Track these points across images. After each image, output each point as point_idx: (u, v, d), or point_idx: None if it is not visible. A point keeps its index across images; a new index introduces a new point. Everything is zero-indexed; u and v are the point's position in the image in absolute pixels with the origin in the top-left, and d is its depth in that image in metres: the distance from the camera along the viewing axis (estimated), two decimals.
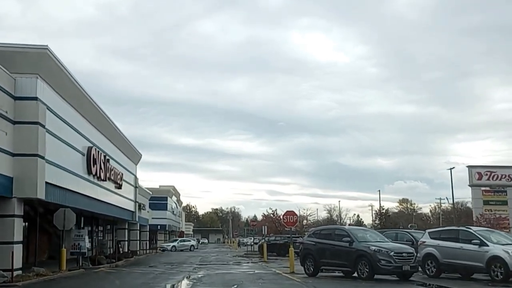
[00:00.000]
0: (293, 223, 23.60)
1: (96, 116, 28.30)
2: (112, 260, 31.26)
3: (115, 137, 33.36)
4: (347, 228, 20.33)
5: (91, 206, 27.99)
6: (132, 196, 41.79)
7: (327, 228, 22.43)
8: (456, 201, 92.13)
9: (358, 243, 18.84)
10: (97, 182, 28.51)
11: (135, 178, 42.99)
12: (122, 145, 35.98)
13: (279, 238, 45.36)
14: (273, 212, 59.80)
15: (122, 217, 38.36)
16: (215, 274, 22.23)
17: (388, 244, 19.18)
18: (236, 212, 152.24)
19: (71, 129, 24.09)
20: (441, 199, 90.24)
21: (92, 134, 27.53)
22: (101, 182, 29.24)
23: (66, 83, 22.70)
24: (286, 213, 23.41)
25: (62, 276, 19.79)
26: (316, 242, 20.48)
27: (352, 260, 18.64)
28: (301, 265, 21.26)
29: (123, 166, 36.64)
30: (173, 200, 78.18)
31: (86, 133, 26.40)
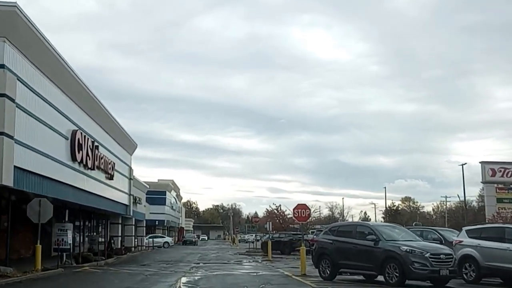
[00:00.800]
0: (305, 217, 20.31)
1: (82, 97, 25.00)
2: (102, 258, 28.18)
3: (106, 123, 30.06)
4: (371, 224, 17.09)
5: (77, 197, 24.71)
6: (126, 188, 38.42)
7: (346, 225, 19.28)
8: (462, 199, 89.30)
9: (385, 242, 15.64)
10: (84, 170, 25.22)
11: (130, 169, 39.60)
12: (114, 132, 32.69)
13: (283, 235, 42.27)
14: (276, 208, 56.56)
15: (114, 211, 35.05)
16: (214, 276, 19.08)
17: (421, 243, 15.99)
18: (237, 209, 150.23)
19: (51, 107, 20.78)
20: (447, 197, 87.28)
21: (77, 116, 24.24)
22: (88, 171, 25.94)
23: (44, 53, 19.45)
24: (297, 206, 20.17)
25: (31, 278, 16.61)
26: (334, 240, 17.27)
27: (378, 262, 15.46)
28: (315, 267, 18.06)
29: (115, 155, 33.29)
30: (172, 195, 74.98)
31: (70, 114, 23.05)
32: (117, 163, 33.48)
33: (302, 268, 19.48)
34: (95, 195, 27.98)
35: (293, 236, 41.56)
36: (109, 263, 26.74)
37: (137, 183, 45.20)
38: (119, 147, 34.99)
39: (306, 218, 20.40)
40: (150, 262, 28.61)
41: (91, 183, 26.78)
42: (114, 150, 32.88)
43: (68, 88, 22.78)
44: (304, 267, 19.46)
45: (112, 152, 32.02)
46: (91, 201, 27.68)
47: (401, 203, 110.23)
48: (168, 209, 68.56)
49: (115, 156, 32.94)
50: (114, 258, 29.83)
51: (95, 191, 27.91)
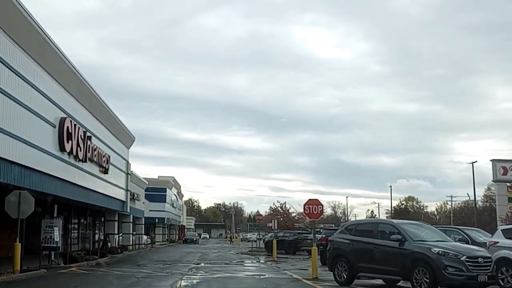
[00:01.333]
0: (317, 214, 17.98)
1: (73, 83, 22.84)
2: (94, 257, 26.00)
3: (100, 112, 27.85)
4: (396, 222, 14.83)
5: (66, 191, 22.52)
6: (123, 183, 36.22)
7: (366, 223, 17.07)
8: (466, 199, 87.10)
9: (412, 242, 13.46)
10: (75, 162, 23.06)
11: (127, 164, 37.31)
12: (109, 123, 30.46)
13: (288, 234, 40.08)
14: (281, 206, 54.28)
15: (110, 207, 32.85)
16: (215, 279, 16.92)
17: (454, 244, 13.80)
18: (239, 208, 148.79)
19: (37, 92, 18.63)
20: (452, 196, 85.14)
21: (67, 103, 22.07)
22: (80, 164, 23.79)
23: (28, 32, 17.35)
24: (308, 202, 17.86)
25: (5, 281, 14.43)
26: (352, 240, 15.08)
27: (404, 265, 13.28)
28: (330, 270, 15.87)
29: (110, 147, 31.05)
30: (172, 192, 72.66)
31: (58, 100, 20.88)
32: (113, 156, 31.33)
33: (313, 271, 17.26)
34: (87, 189, 25.84)
35: (298, 235, 39.41)
36: (101, 263, 24.57)
37: (135, 178, 43.01)
38: (115, 139, 32.80)
39: (318, 215, 18.09)
40: (147, 262, 26.45)
41: (82, 177, 24.65)
42: (110, 142, 30.70)
43: (57, 73, 20.65)
44: (315, 269, 17.24)
45: (107, 144, 29.84)
46: (83, 196, 25.56)
47: (404, 202, 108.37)
48: (168, 207, 66.34)
49: (110, 149, 30.76)
50: (108, 258, 27.69)
51: (88, 185, 25.78)
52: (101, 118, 28.31)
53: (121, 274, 18.27)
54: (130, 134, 37.22)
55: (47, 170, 19.68)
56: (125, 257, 31.02)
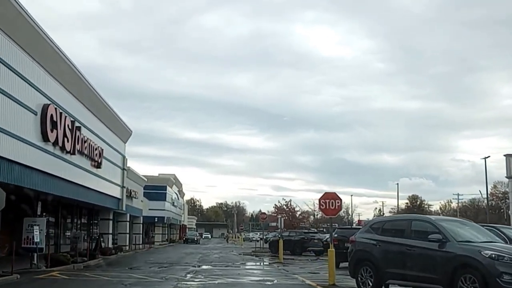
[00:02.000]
0: (334, 210, 15.37)
1: (59, 67, 20.35)
2: (83, 259, 23.50)
3: (91, 102, 25.32)
4: (433, 219, 12.28)
5: (51, 186, 20.08)
6: (119, 180, 33.61)
7: (397, 219, 14.32)
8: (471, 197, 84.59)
9: (456, 243, 10.95)
10: (61, 154, 20.56)
11: (123, 159, 34.66)
12: (103, 114, 27.95)
13: (294, 234, 37.61)
14: (286, 204, 51.73)
15: (103, 204, 30.31)
16: (215, 286, 14.40)
17: (508, 247, 11.28)
18: (241, 207, 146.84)
19: (14, 74, 16.19)
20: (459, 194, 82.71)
21: (52, 89, 19.55)
22: (67, 156, 21.30)
23: (6, 7, 14.96)
24: (324, 195, 15.25)
25: None
26: (379, 241, 12.55)
27: (447, 272, 10.77)
28: (352, 276, 13.36)
29: (104, 140, 28.50)
30: (173, 190, 70.03)
31: (41, 86, 18.44)
32: (107, 150, 28.82)
33: (330, 277, 14.68)
34: (76, 185, 23.37)
35: (304, 235, 36.94)
36: (90, 266, 22.11)
37: (133, 175, 40.52)
38: (110, 132, 30.26)
39: (336, 211, 15.46)
40: (141, 264, 23.95)
41: (70, 171, 22.18)
42: (103, 135, 28.15)
43: (39, 55, 18.17)
44: (333, 274, 14.68)
45: (100, 136, 27.32)
46: (71, 192, 23.09)
47: (408, 201, 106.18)
48: (168, 205, 63.74)
49: (104, 142, 28.23)
50: (99, 260, 25.17)
51: (77, 180, 23.32)
52: (93, 109, 25.83)
53: (108, 280, 15.77)
54: (127, 127, 34.70)
55: (28, 162, 17.27)
56: (119, 258, 28.50)
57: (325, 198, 15.27)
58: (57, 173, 20.39)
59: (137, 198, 42.78)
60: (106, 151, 28.59)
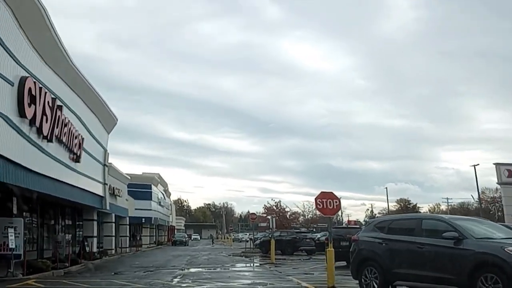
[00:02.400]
0: (333, 210, 14.01)
1: (43, 39, 18.23)
2: (65, 265, 22.01)
3: (76, 82, 23.08)
4: (447, 217, 10.99)
5: (24, 179, 17.09)
6: (100, 176, 31.19)
7: (405, 219, 12.78)
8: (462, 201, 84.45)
9: (474, 240, 9.71)
10: (37, 141, 17.86)
11: (105, 153, 31.97)
12: (87, 96, 25.49)
13: (285, 234, 36.35)
14: (276, 204, 50.54)
15: (85, 202, 27.54)
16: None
17: None
18: (229, 208, 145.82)
19: None
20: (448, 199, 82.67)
21: (32, 62, 17.37)
22: (44, 143, 18.76)
23: None
24: (320, 195, 13.88)
25: None
26: (385, 239, 11.27)
27: (464, 271, 9.52)
28: (354, 278, 12.07)
29: (86, 127, 25.83)
30: (159, 189, 68.09)
31: (19, 56, 16.34)
32: (88, 141, 26.15)
33: (329, 279, 13.34)
34: (53, 180, 20.80)
35: (296, 234, 35.72)
36: (71, 272, 20.64)
37: (115, 172, 38.51)
38: (94, 117, 27.46)
39: (334, 210, 14.14)
40: (126, 269, 22.52)
41: (47, 162, 19.43)
42: (86, 120, 25.52)
43: (25, 21, 16.27)
44: (332, 276, 13.36)
45: (82, 120, 24.64)
46: (49, 187, 20.07)
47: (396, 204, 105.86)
48: (155, 205, 61.71)
49: (85, 129, 25.50)
50: (81, 265, 23.68)
51: (54, 174, 20.44)
52: (77, 89, 23.39)
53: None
54: (112, 115, 31.43)
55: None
56: (103, 263, 26.94)
57: (321, 198, 13.94)
58: (30, 164, 17.33)
59: (121, 197, 40.72)
60: (87, 142, 25.89)
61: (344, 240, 21.97)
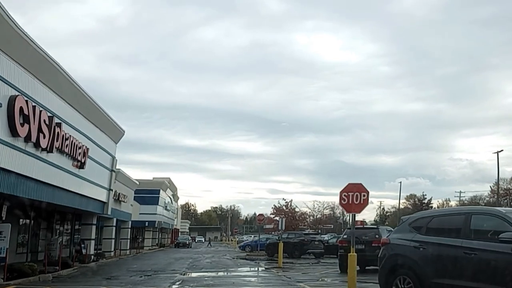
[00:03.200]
0: (359, 206, 11.75)
1: (30, 57, 16.76)
2: (55, 268, 20.02)
3: (76, 99, 21.64)
4: (504, 211, 8.62)
5: (21, 188, 16.38)
6: (106, 182, 29.78)
7: (448, 214, 10.36)
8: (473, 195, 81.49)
9: None
10: (35, 152, 17.00)
11: (113, 160, 30.73)
12: (89, 112, 24.12)
13: (292, 236, 34.26)
14: (286, 204, 48.09)
15: (85, 208, 26.22)
16: None
17: None
18: (236, 210, 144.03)
19: None
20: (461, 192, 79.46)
21: (22, 80, 16.06)
22: (43, 154, 17.76)
23: None
24: (347, 188, 11.70)
25: None
26: (423, 242, 9.12)
27: None
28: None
29: (91, 139, 24.68)
30: (167, 194, 66.23)
31: (8, 77, 14.95)
32: (94, 150, 25.10)
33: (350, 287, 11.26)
34: (52, 186, 19.61)
35: (304, 236, 33.63)
36: (61, 277, 18.63)
37: (123, 178, 36.85)
38: (98, 131, 26.46)
39: (361, 206, 11.94)
40: (122, 273, 20.50)
41: (47, 170, 18.54)
42: (90, 133, 24.41)
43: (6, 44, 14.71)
44: (353, 284, 11.25)
45: (85, 134, 23.61)
46: (45, 195, 19.22)
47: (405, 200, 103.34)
48: (160, 209, 59.98)
49: (90, 141, 24.56)
50: (73, 269, 21.69)
51: (53, 181, 19.55)
52: (77, 106, 22.25)
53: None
54: (118, 127, 30.89)
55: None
56: (98, 266, 24.92)
57: (347, 191, 11.81)
58: (29, 173, 16.70)
59: (126, 202, 39.08)
60: (94, 151, 24.94)
61: (359, 243, 19.91)
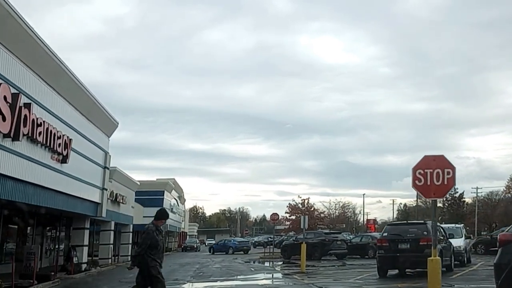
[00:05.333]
0: (443, 188, 7.47)
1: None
2: (30, 282, 15.97)
3: (56, 77, 17.63)
4: None
5: None
6: (98, 180, 25.54)
7: None
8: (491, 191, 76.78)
9: None
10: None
11: (106, 156, 26.27)
12: (74, 96, 20.04)
13: (311, 235, 30.05)
14: (302, 202, 43.70)
15: (73, 210, 22.05)
16: None
17: None
18: (245, 212, 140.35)
19: None
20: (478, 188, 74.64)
21: None
22: (6, 142, 13.64)
23: None
24: (423, 161, 7.53)
25: None
26: None
27: None
28: None
29: (75, 129, 20.30)
30: (172, 195, 61.96)
31: None
32: (80, 142, 20.92)
33: None
34: (24, 183, 15.47)
35: (325, 236, 29.41)
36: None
37: (121, 177, 32.74)
38: (85, 121, 22.25)
39: (444, 189, 7.70)
40: (112, 285, 16.28)
41: (14, 162, 14.40)
42: (74, 122, 20.26)
43: None
44: None
45: (68, 123, 19.35)
46: (15, 193, 15.13)
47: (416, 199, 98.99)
48: None
49: (75, 131, 20.40)
50: (54, 282, 17.54)
51: (26, 177, 15.43)
52: (57, 86, 18.19)
53: None
54: (111, 118, 26.55)
55: None
56: (86, 278, 20.65)
57: (424, 167, 7.59)
58: None
59: (126, 204, 34.90)
60: (78, 143, 20.76)
61: (403, 242, 15.75)
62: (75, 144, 20.10)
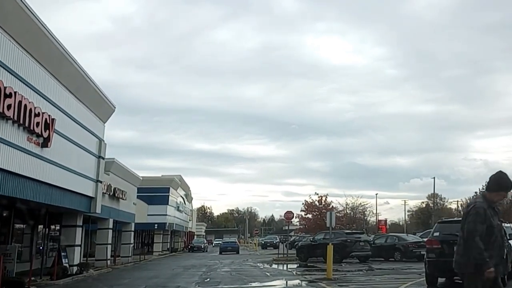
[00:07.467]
0: None
1: None
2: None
3: (33, 41, 14.60)
4: None
5: None
6: (92, 171, 22.40)
7: None
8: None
9: None
10: None
11: (100, 143, 23.16)
12: (59, 68, 16.99)
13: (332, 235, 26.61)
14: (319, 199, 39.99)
15: (60, 204, 18.83)
16: None
17: None
18: (253, 212, 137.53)
19: None
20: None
21: None
22: None
23: None
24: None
25: None
26: None
27: None
28: None
29: (60, 107, 17.40)
30: (179, 193, 58.74)
31: None
32: (67, 124, 17.90)
33: None
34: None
35: (347, 237, 25.98)
36: None
37: (121, 170, 29.65)
38: (75, 101, 19.18)
39: None
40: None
41: None
42: (60, 100, 17.34)
43: None
44: None
45: (50, 100, 16.37)
46: None
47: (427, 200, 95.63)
48: (172, 210, 52.57)
49: (59, 110, 17.26)
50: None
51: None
52: (38, 54, 15.20)
53: None
54: (107, 101, 23.35)
55: None
56: (73, 283, 17.31)
57: None
58: None
59: (126, 200, 31.68)
60: (65, 125, 17.63)
61: (455, 243, 12.19)
62: (60, 125, 17.02)
